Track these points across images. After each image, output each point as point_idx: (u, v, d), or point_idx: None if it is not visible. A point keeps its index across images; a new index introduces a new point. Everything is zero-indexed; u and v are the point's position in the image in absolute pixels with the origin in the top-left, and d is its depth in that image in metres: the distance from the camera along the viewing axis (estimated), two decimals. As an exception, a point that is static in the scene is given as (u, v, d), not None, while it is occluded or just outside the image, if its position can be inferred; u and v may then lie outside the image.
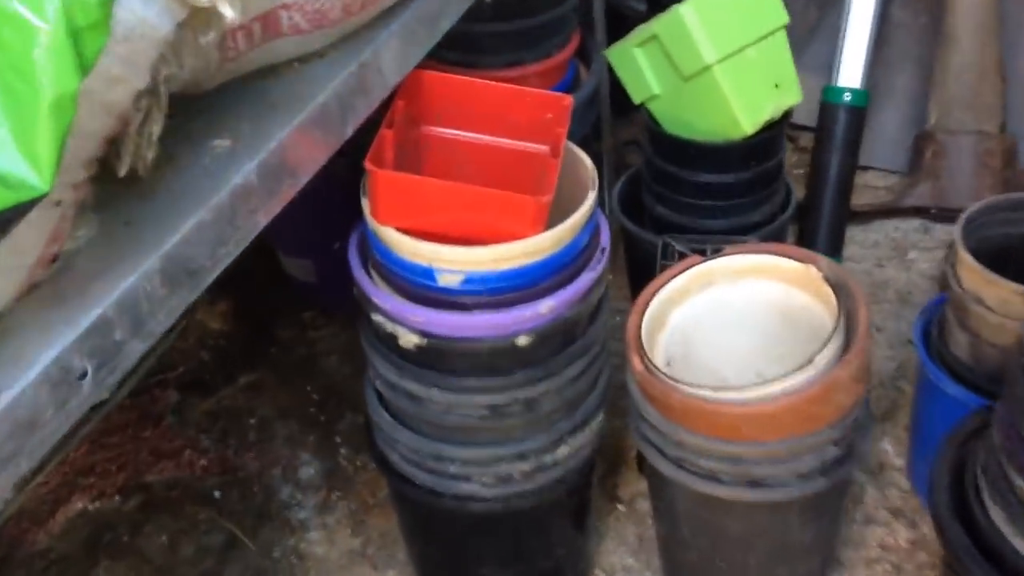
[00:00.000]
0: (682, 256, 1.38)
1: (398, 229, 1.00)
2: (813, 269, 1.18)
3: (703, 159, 1.45)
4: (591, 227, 1.06)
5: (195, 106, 0.87)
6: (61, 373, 0.65)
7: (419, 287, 1.01)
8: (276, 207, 0.87)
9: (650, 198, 1.54)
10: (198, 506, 1.53)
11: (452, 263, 0.99)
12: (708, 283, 1.25)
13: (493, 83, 1.11)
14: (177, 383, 1.72)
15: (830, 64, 1.82)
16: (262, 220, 0.85)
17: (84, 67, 0.58)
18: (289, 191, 0.89)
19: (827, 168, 1.79)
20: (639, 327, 1.18)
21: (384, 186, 0.98)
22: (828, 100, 1.80)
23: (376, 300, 1.04)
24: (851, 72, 1.78)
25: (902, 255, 1.86)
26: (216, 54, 0.85)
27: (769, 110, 1.41)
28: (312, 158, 0.91)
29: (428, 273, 1.00)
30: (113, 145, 0.74)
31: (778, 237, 1.54)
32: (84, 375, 0.67)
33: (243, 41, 0.88)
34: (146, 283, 0.72)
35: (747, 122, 1.38)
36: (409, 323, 1.03)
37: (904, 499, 1.43)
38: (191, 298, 0.77)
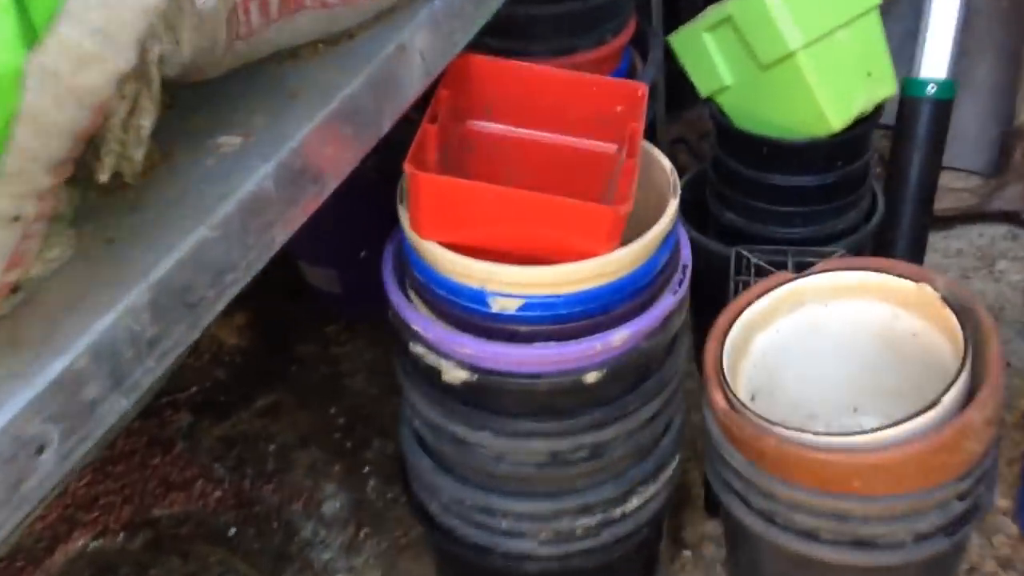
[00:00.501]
0: (759, 271, 1.21)
1: (443, 244, 0.84)
2: (928, 289, 1.00)
3: (781, 159, 1.27)
4: (671, 242, 0.89)
5: (197, 95, 0.71)
6: (13, 446, 0.49)
7: (468, 313, 0.85)
8: (297, 220, 0.71)
9: (717, 203, 1.37)
10: (210, 545, 1.37)
11: (509, 285, 0.82)
12: (798, 304, 1.08)
13: (553, 69, 0.95)
14: (189, 404, 1.56)
15: (902, 49, 1.63)
16: (280, 236, 0.69)
17: (31, 35, 0.42)
18: (313, 200, 0.72)
19: (908, 169, 1.60)
20: (719, 356, 1.01)
21: (428, 192, 0.82)
22: (909, 94, 1.61)
23: (416, 327, 0.88)
24: (935, 61, 1.59)
25: (989, 265, 1.67)
26: (223, 30, 0.68)
27: (860, 103, 1.23)
28: (341, 159, 0.75)
29: (480, 297, 0.83)
30: (92, 144, 0.58)
31: (863, 248, 1.36)
32: (43, 448, 0.50)
33: (257, 15, 0.72)
34: (131, 320, 0.56)
35: (835, 117, 1.21)
36: (456, 355, 0.86)
37: (1014, 547, 1.25)
38: (190, 339, 0.61)
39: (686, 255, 0.93)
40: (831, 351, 1.10)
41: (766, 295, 1.06)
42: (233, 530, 1.39)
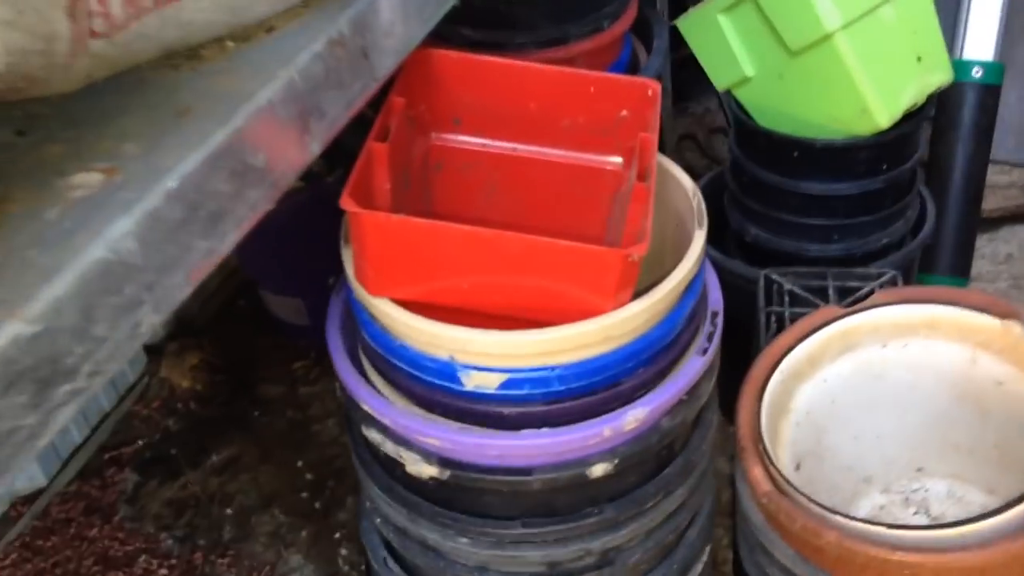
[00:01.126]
0: (794, 299, 1.00)
1: (399, 302, 0.63)
2: (1017, 327, 0.80)
3: (816, 163, 1.07)
4: (697, 286, 0.69)
5: (63, 117, 0.51)
6: None
7: (436, 391, 0.64)
8: (178, 292, 0.50)
9: (738, 216, 1.16)
10: (156, 633, 1.17)
11: (487, 356, 0.62)
12: (851, 346, 0.87)
13: (539, 65, 0.74)
14: (134, 461, 1.36)
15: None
16: (151, 319, 0.48)
17: None
18: (205, 262, 0.52)
19: (951, 164, 1.40)
20: (757, 419, 0.80)
21: (376, 236, 0.61)
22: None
23: (369, 408, 0.67)
24: (981, 40, 1.39)
25: (1045, 272, 1.47)
26: (64, 24, 0.48)
27: (910, 94, 1.02)
28: (247, 198, 0.54)
29: (449, 372, 0.63)
30: None
31: (911, 266, 1.16)
32: None
33: (120, 5, 0.52)
34: None
35: (882, 112, 1.00)
36: (421, 445, 0.66)
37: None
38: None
39: (716, 300, 0.73)
40: (891, 402, 0.90)
41: (811, 336, 0.86)
42: (183, 614, 1.19)
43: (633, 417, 0.65)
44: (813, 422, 0.87)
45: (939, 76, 1.05)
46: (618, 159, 0.75)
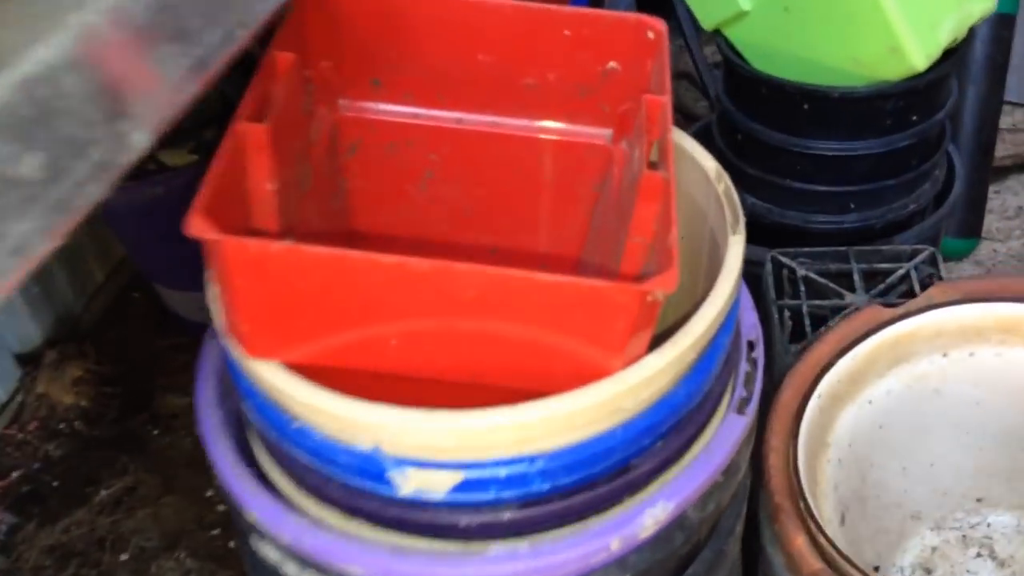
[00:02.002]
0: (811, 287, 0.80)
1: (293, 366, 0.41)
2: None
3: (830, 117, 0.86)
4: (731, 321, 0.47)
5: None
6: None
7: (356, 494, 0.43)
8: None
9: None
10: None
11: (430, 448, 0.40)
12: (902, 358, 0.68)
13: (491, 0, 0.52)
14: (8, 499, 1.12)
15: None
16: None
17: None
18: None
19: (961, 107, 1.21)
20: (795, 463, 0.60)
21: (251, 275, 0.39)
22: (959, 7, 1.20)
23: (258, 518, 0.45)
24: (994, -37, 1.18)
25: (1062, 227, 1.29)
26: None
27: (950, 27, 0.82)
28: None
29: (375, 470, 0.41)
30: None
31: (936, 235, 0.96)
32: None
33: None
34: None
35: (917, 50, 0.79)
36: (338, 572, 0.44)
37: None
38: None
39: (750, 326, 0.52)
40: (948, 423, 0.71)
41: (855, 348, 0.66)
42: None
43: (651, 518, 0.44)
44: (856, 457, 0.68)
45: (981, 5, 0.84)
46: (605, 131, 0.53)
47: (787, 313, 0.80)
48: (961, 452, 0.72)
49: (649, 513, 0.44)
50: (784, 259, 0.83)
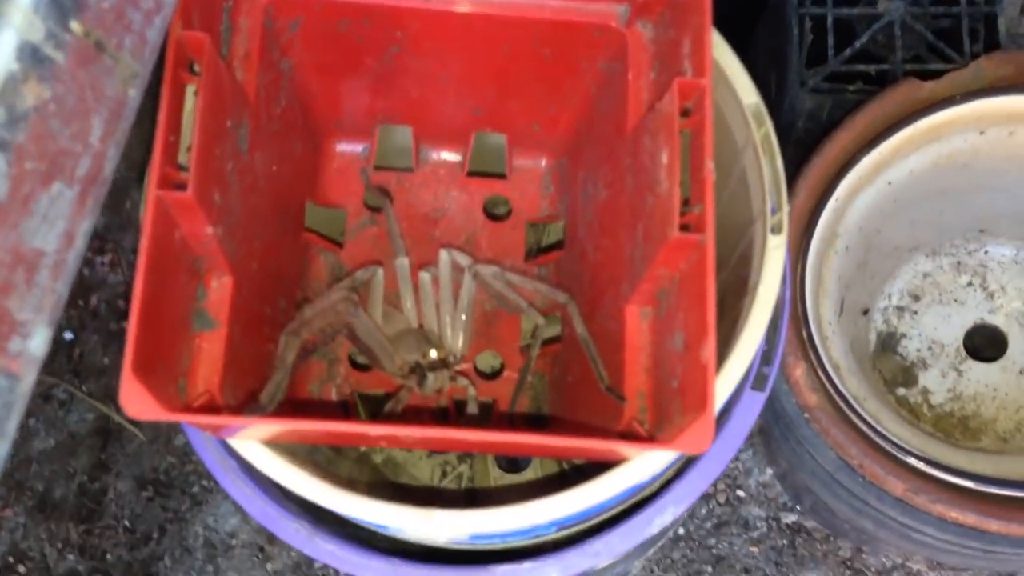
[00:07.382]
0: (832, 36, 0.68)
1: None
2: None
3: None
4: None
5: None
6: None
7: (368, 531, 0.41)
8: None
9: None
10: None
11: (447, 526, 0.38)
12: (935, 139, 0.61)
13: None
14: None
15: None
16: None
17: None
18: None
19: None
20: (802, 289, 0.57)
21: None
22: None
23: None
24: None
25: None
26: None
27: None
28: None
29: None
30: None
31: None
32: None
33: None
34: None
35: None
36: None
37: None
38: None
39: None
40: (968, 187, 0.65)
41: (881, 143, 0.59)
42: None
43: (660, 523, 0.43)
44: (864, 234, 0.64)
45: None
46: (616, 7, 0.41)
47: (808, 23, 0.69)
48: (970, 198, 0.68)
49: (658, 522, 0.42)
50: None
